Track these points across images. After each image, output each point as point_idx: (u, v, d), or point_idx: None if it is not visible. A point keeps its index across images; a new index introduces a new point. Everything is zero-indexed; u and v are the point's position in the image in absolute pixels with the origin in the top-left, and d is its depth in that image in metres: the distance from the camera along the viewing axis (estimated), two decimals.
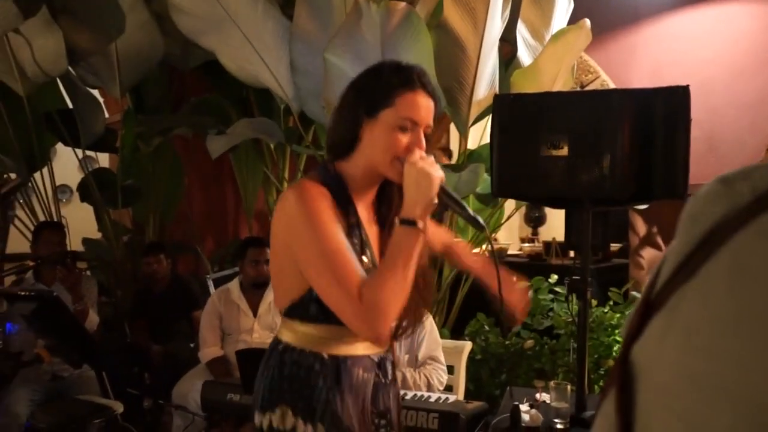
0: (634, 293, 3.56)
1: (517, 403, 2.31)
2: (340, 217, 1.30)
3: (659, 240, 4.04)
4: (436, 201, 1.28)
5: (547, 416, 2.25)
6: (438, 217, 1.33)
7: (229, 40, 3.03)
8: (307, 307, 1.31)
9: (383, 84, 1.32)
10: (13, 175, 3.90)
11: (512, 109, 2.30)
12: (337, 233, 1.27)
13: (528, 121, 2.28)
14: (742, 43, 3.71)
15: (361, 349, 1.38)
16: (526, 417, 2.27)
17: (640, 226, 4.08)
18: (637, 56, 3.98)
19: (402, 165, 1.30)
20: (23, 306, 2.07)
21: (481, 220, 1.31)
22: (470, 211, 1.31)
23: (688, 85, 2.14)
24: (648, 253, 4.07)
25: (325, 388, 1.32)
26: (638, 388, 0.49)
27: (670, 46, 3.87)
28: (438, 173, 1.27)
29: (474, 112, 3.02)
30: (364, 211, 1.40)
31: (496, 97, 2.29)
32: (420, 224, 1.25)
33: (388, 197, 1.42)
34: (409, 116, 1.30)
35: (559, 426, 2.20)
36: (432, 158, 1.30)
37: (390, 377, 1.44)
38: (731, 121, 3.74)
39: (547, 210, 5.47)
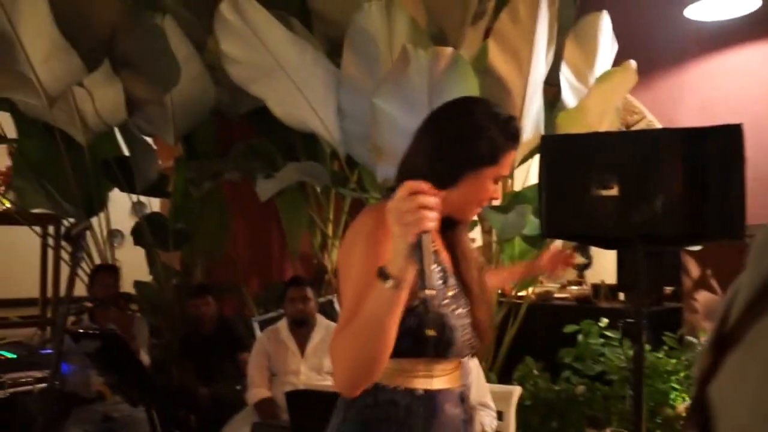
0: (689, 338, 3.44)
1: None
2: None
3: (713, 283, 3.91)
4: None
5: None
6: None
7: (278, 88, 3.13)
8: (399, 341, 1.13)
9: (490, 142, 1.27)
10: (71, 219, 4.06)
11: (561, 150, 2.30)
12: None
13: (577, 161, 2.28)
14: None
15: (447, 381, 1.30)
16: None
17: (694, 269, 3.96)
18: (684, 95, 3.95)
19: (479, 210, 1.33)
20: (88, 344, 2.13)
21: (428, 312, 1.20)
22: (429, 291, 1.03)
23: (741, 123, 2.11)
24: (702, 297, 3.94)
25: (423, 427, 1.25)
26: (717, 427, 0.48)
27: (719, 84, 3.83)
28: (418, 223, 1.01)
29: (520, 154, 3.03)
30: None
31: (544, 137, 2.30)
32: (390, 281, 1.05)
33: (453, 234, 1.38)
34: (505, 173, 1.32)
35: None
36: (428, 200, 1.03)
37: (468, 412, 1.37)
38: None
39: (594, 252, 5.38)
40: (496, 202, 3.02)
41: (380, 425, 1.25)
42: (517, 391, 3.15)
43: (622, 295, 4.39)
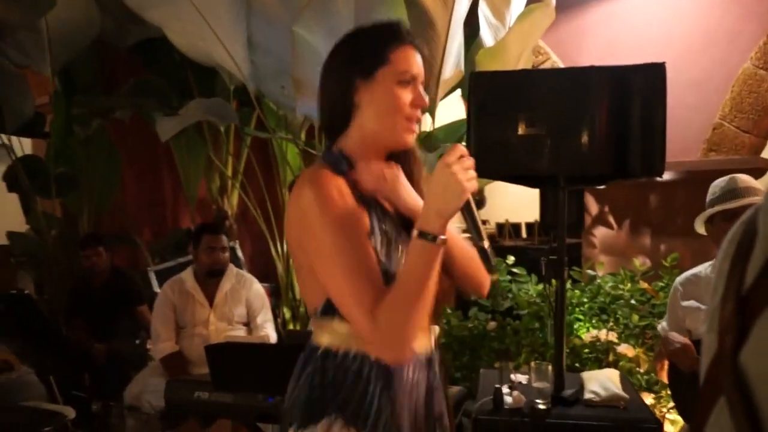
0: (590, 272, 3.62)
1: (498, 385, 2.29)
2: (357, 202, 1.20)
3: (611, 219, 4.15)
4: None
5: (528, 396, 2.24)
6: None
7: (179, 15, 2.82)
8: None
9: (373, 42, 1.24)
10: None
11: (490, 88, 2.25)
12: (358, 237, 1.16)
13: (505, 99, 2.24)
14: (688, 23, 3.83)
15: None
16: (508, 399, 2.25)
17: (593, 206, 4.16)
18: (587, 37, 4.04)
19: (409, 124, 1.22)
20: None
21: (493, 260, 1.18)
22: (486, 242, 1.17)
23: (664, 62, 2.16)
24: (600, 232, 4.17)
25: (377, 393, 1.20)
26: (760, 400, 0.45)
27: (620, 27, 3.95)
28: (471, 185, 1.12)
29: (441, 91, 2.96)
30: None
31: (473, 74, 2.24)
32: (440, 239, 1.11)
33: (400, 160, 1.31)
34: (407, 69, 1.22)
35: (541, 406, 2.20)
36: (471, 163, 1.14)
37: (440, 378, 1.31)
38: (678, 101, 3.85)
39: (488, 191, 5.53)
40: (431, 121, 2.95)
41: (328, 390, 1.20)
42: (435, 330, 3.20)
43: (525, 234, 4.57)
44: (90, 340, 3.81)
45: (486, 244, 1.16)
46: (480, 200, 5.35)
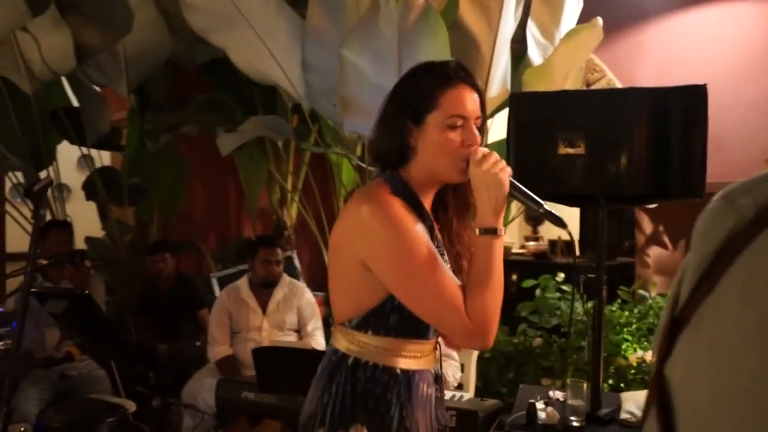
0: (641, 292, 3.57)
1: (533, 400, 2.32)
2: (418, 222, 1.27)
3: (666, 239, 4.07)
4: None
5: (563, 413, 2.26)
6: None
7: (240, 38, 3.02)
8: (387, 318, 1.28)
9: (421, 87, 1.29)
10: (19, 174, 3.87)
11: (529, 108, 2.31)
12: (428, 243, 1.24)
13: (544, 119, 2.29)
14: (748, 41, 3.73)
15: (424, 363, 1.34)
16: (542, 414, 2.27)
17: (647, 225, 4.10)
18: (643, 55, 4.00)
19: (465, 163, 1.26)
20: (54, 304, 2.06)
21: (557, 214, 1.28)
22: (545, 205, 1.27)
23: (705, 84, 2.15)
24: (654, 252, 4.09)
25: (399, 405, 1.29)
26: (677, 406, 0.50)
27: (677, 44, 3.89)
28: (505, 170, 1.23)
29: (487, 110, 3.02)
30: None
31: (513, 95, 2.29)
32: (499, 231, 1.24)
33: (443, 199, 1.39)
34: (456, 113, 1.26)
35: (575, 423, 2.21)
36: (495, 154, 1.25)
37: (441, 392, 1.42)
38: (737, 121, 3.77)
39: (552, 208, 5.47)
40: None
41: (359, 400, 1.28)
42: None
43: (578, 251, 4.52)
44: (154, 340, 4.05)
45: (546, 206, 1.26)
46: (539, 217, 5.33)
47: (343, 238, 1.30)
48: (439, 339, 1.39)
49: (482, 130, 1.33)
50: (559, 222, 1.28)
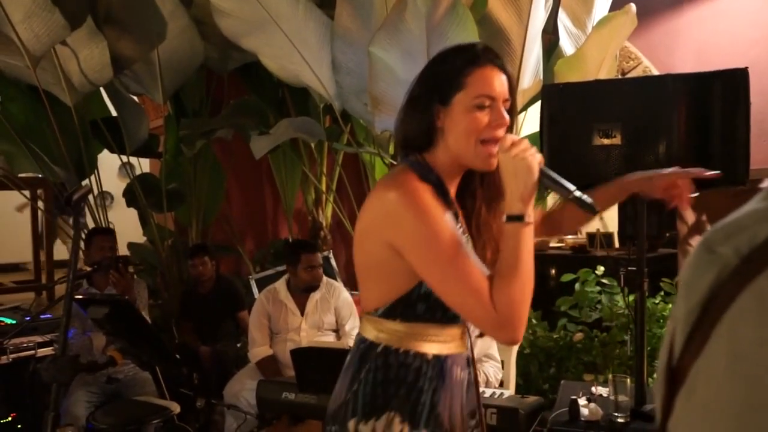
0: None
1: (575, 397, 2.28)
2: (444, 208, 1.24)
3: (709, 228, 3.95)
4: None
5: (606, 410, 2.22)
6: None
7: (270, 41, 3.05)
8: (414, 306, 1.27)
9: (449, 68, 1.27)
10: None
11: (562, 99, 2.27)
12: (455, 232, 1.21)
13: (578, 110, 2.25)
14: None
15: (455, 347, 1.33)
16: (584, 411, 2.24)
17: (689, 215, 3.98)
18: (680, 41, 3.89)
19: (488, 149, 1.24)
20: (95, 310, 2.12)
21: (589, 200, 1.21)
22: (576, 191, 1.21)
23: (746, 68, 2.08)
24: (697, 242, 3.98)
25: (431, 390, 1.28)
26: None
27: (715, 28, 3.77)
28: (535, 157, 1.19)
29: (519, 103, 2.99)
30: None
31: (545, 87, 2.26)
32: (527, 217, 1.19)
33: (472, 188, 1.37)
34: (483, 92, 1.24)
35: (620, 420, 2.17)
36: (526, 140, 1.20)
37: (473, 375, 1.40)
38: None
39: (580, 194, 5.37)
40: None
41: (391, 386, 1.27)
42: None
43: (617, 243, 4.44)
44: (197, 342, 4.13)
45: (578, 192, 1.21)
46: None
47: (370, 224, 1.28)
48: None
49: (512, 114, 1.29)
50: (590, 208, 1.21)
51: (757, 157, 3.61)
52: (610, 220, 4.43)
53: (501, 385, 2.91)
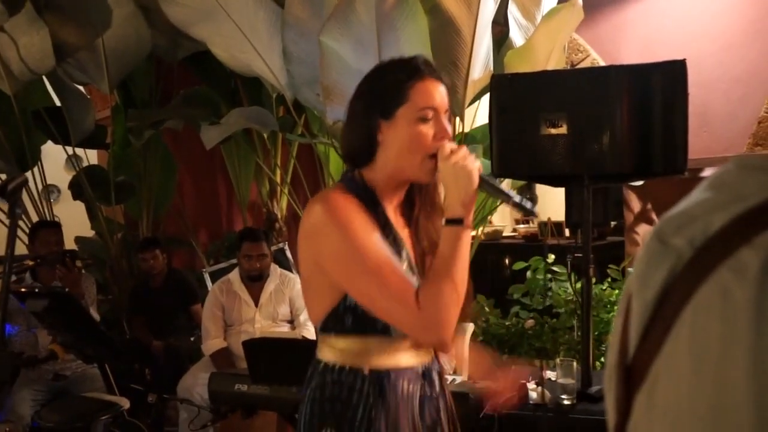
0: (631, 270, 3.59)
1: (524, 381, 2.33)
2: (372, 221, 1.25)
3: (654, 216, 4.08)
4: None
5: (554, 393, 2.27)
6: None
7: (220, 30, 3.00)
8: (342, 319, 1.27)
9: (390, 82, 1.27)
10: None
11: (511, 89, 2.30)
12: (378, 241, 1.22)
13: (526, 100, 2.29)
14: (731, 15, 3.73)
15: (403, 360, 1.30)
16: (533, 394, 2.29)
17: (635, 203, 4.11)
18: (626, 33, 3.99)
19: (433, 162, 1.25)
20: (34, 303, 2.05)
21: (529, 206, 1.27)
22: (515, 197, 1.26)
23: (684, 59, 2.15)
24: (643, 230, 4.11)
25: (368, 407, 1.26)
26: None
27: (660, 21, 3.88)
28: (474, 164, 1.22)
29: (470, 94, 3.02)
30: (392, 214, 1.34)
31: (494, 77, 2.29)
32: (466, 221, 1.22)
33: (411, 197, 1.37)
34: (428, 104, 1.25)
35: (566, 402, 2.23)
36: (465, 148, 1.24)
37: (438, 389, 1.36)
38: (722, 96, 3.77)
39: (539, 190, 5.51)
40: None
41: (326, 404, 1.28)
42: (470, 327, 3.24)
43: (567, 232, 4.54)
44: (149, 337, 4.06)
45: (516, 198, 1.27)
46: (532, 198, 5.34)
47: (301, 238, 1.29)
48: None
49: (452, 123, 1.35)
50: (528, 212, 1.29)
51: (699, 147, 3.75)
52: (548, 210, 4.53)
53: (454, 371, 2.95)
